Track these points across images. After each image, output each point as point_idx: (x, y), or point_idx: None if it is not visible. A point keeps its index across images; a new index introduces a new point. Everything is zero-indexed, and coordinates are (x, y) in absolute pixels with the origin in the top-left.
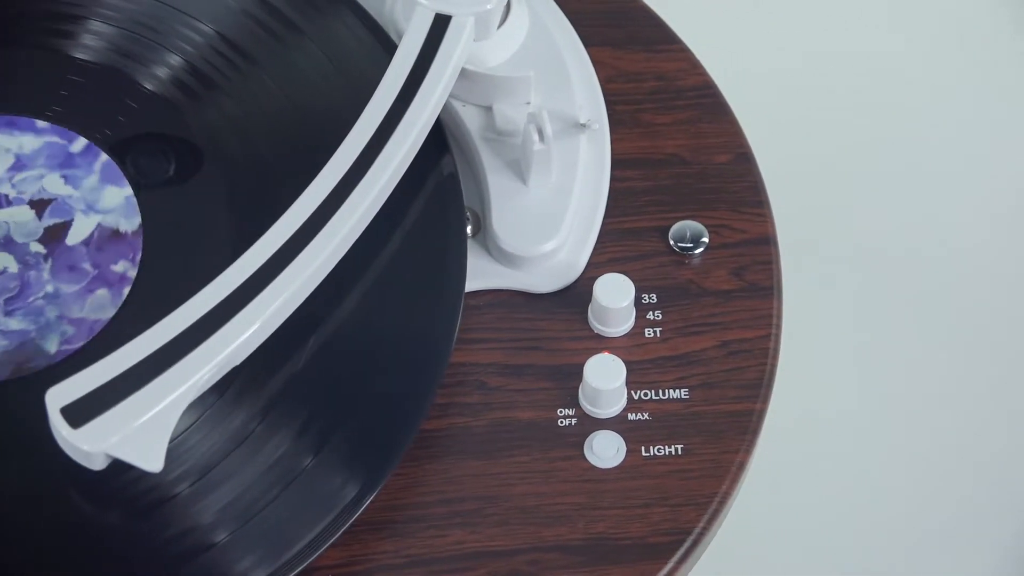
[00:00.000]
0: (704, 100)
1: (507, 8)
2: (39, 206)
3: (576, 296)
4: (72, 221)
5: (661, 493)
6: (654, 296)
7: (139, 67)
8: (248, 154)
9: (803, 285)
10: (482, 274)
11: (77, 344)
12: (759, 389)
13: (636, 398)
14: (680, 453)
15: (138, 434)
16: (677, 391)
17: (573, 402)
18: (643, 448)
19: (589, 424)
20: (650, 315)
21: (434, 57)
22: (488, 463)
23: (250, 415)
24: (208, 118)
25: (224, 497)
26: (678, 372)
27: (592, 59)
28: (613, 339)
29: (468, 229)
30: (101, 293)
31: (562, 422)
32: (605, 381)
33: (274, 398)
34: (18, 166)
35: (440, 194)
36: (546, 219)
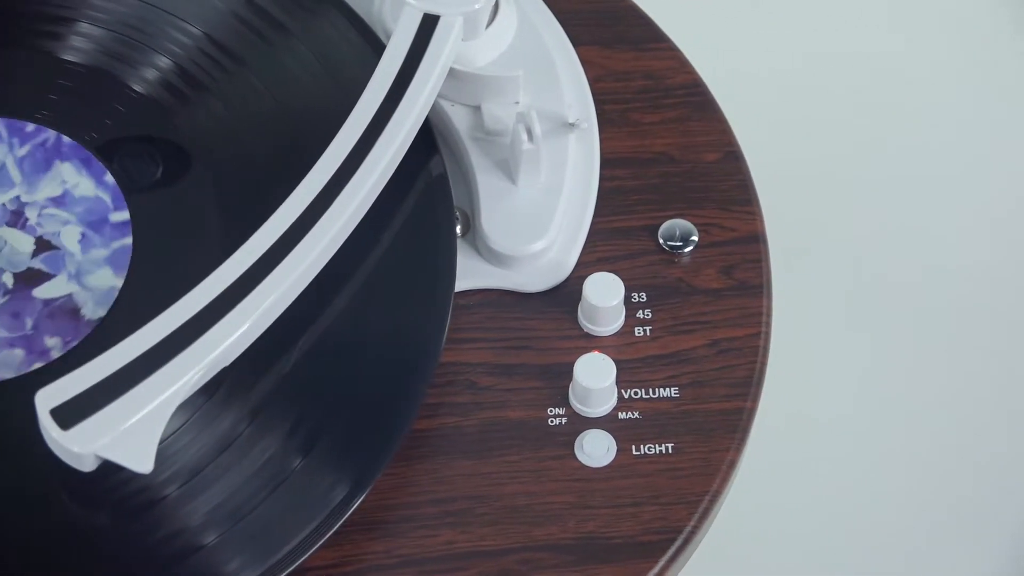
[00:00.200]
0: (693, 98)
1: (495, 8)
2: (42, 246)
3: (566, 295)
4: (54, 277)
5: (652, 492)
6: (644, 295)
7: (128, 69)
8: (237, 155)
9: (794, 284)
10: (472, 274)
11: None
12: (749, 387)
13: (626, 397)
14: (670, 452)
15: (128, 435)
16: (667, 390)
17: (563, 401)
18: (633, 447)
19: (579, 423)
20: (640, 314)
21: (422, 57)
22: (478, 463)
23: (240, 416)
24: (196, 119)
25: (214, 498)
26: (668, 371)
27: (581, 58)
28: (603, 338)
29: (457, 229)
30: (16, 353)
31: (552, 421)
32: (595, 380)
33: (264, 399)
34: (59, 202)
35: (429, 194)
36: (535, 218)
